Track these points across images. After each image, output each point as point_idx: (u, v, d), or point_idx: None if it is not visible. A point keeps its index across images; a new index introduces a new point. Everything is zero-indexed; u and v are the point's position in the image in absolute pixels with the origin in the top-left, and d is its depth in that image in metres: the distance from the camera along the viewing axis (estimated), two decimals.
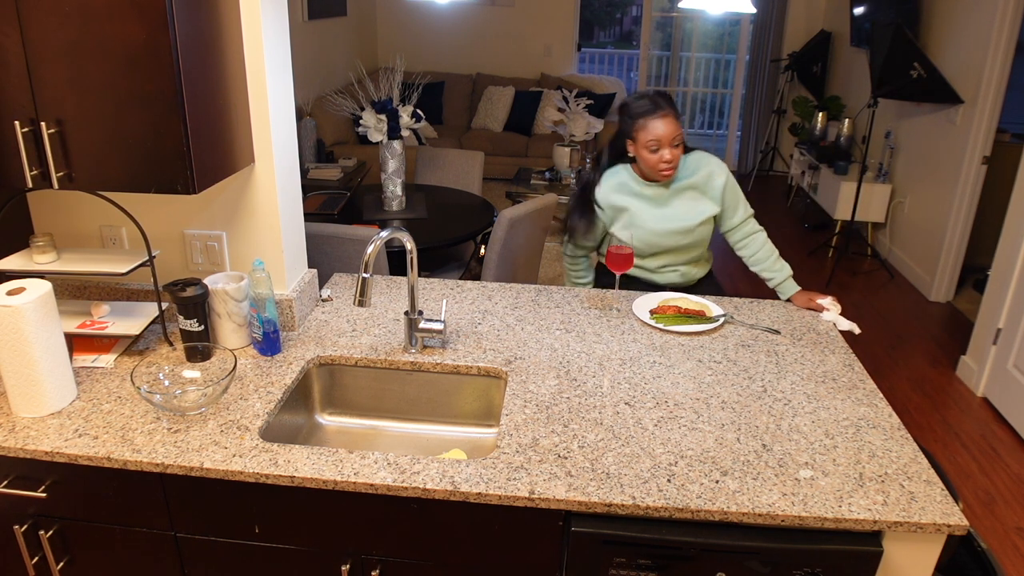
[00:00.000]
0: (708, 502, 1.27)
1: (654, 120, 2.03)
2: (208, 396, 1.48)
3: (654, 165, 2.08)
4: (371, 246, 1.57)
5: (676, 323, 1.91)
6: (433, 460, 1.36)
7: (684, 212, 2.19)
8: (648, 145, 2.05)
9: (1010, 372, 3.15)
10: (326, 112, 5.18)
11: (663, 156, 2.05)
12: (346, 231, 2.64)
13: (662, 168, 2.08)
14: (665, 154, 2.05)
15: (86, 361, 1.64)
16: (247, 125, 1.64)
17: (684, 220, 2.18)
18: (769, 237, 2.24)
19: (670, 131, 2.03)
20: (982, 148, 3.93)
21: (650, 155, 2.07)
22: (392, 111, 3.13)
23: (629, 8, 10.67)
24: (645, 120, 2.05)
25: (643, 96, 2.09)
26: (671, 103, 2.07)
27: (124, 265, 1.60)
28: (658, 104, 2.04)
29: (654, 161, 2.07)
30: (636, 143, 2.10)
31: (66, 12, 1.29)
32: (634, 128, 2.08)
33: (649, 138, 2.04)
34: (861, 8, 5.40)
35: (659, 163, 2.07)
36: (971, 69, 3.95)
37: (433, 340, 1.79)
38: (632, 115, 2.08)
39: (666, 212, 2.18)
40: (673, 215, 2.18)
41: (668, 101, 2.07)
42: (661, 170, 2.08)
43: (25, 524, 1.44)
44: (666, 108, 2.04)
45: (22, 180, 1.40)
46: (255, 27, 1.57)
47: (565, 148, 4.75)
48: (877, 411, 1.56)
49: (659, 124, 2.03)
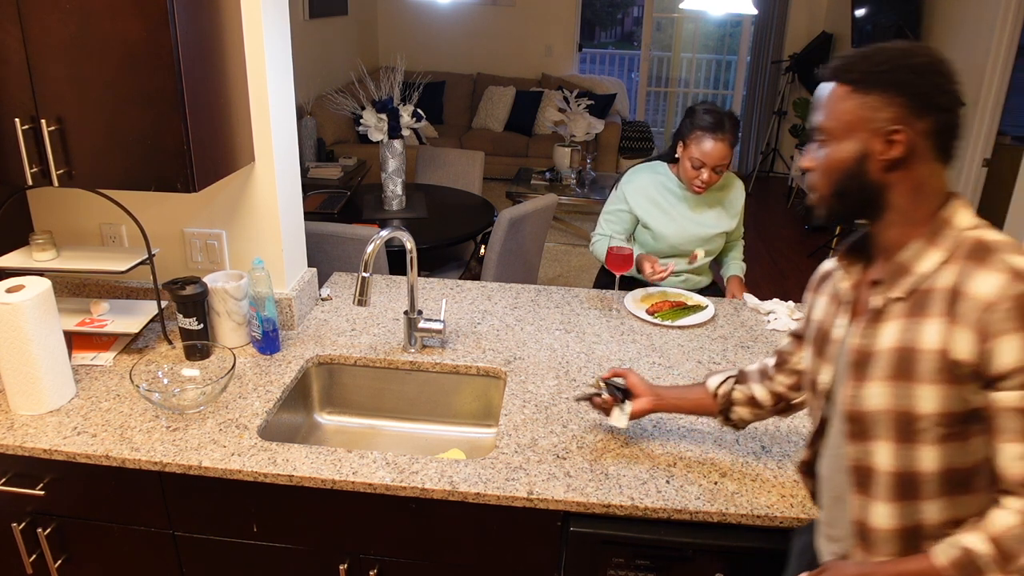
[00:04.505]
0: (707, 503, 1.27)
1: (709, 140, 2.07)
2: (207, 395, 1.48)
3: (691, 179, 2.13)
4: (371, 245, 1.57)
5: (677, 317, 1.94)
6: (432, 460, 1.36)
7: (708, 222, 2.25)
8: (693, 160, 2.10)
9: None
10: (326, 111, 5.18)
11: (702, 176, 2.10)
12: (346, 230, 2.64)
13: (696, 185, 2.13)
14: (704, 174, 2.10)
15: (85, 359, 1.64)
16: (247, 124, 1.64)
17: (707, 229, 2.25)
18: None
19: (718, 156, 2.07)
20: (983, 150, 3.93)
21: (691, 169, 2.12)
22: (393, 110, 3.12)
23: (630, 8, 10.68)
24: (702, 135, 2.07)
25: (713, 111, 2.10)
26: (735, 130, 2.10)
27: (124, 263, 1.60)
28: (721, 126, 2.07)
29: (692, 176, 2.12)
30: (685, 151, 2.13)
31: (67, 9, 1.29)
32: (689, 137, 2.11)
33: (697, 154, 2.08)
34: (862, 10, 5.40)
35: (695, 179, 2.12)
36: (972, 72, 3.95)
37: (432, 340, 1.78)
38: (694, 124, 2.11)
39: (694, 218, 2.24)
40: (699, 222, 2.24)
41: (733, 127, 2.10)
42: (695, 186, 2.14)
43: (23, 522, 1.44)
44: (726, 133, 2.07)
45: (22, 177, 1.40)
46: (256, 25, 1.57)
47: (566, 148, 4.75)
48: None
49: (711, 145, 2.06)
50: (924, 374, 0.91)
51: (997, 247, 0.91)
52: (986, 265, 0.89)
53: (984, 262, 0.90)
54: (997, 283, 0.87)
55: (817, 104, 0.99)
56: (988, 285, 0.88)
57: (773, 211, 6.03)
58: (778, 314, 1.97)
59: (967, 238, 0.93)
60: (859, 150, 0.95)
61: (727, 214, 2.27)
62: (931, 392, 0.91)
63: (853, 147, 0.95)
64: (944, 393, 0.90)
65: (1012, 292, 0.86)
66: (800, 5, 6.49)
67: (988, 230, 0.95)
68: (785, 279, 4.66)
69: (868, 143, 0.94)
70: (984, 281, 0.88)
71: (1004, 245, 0.91)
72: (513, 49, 6.98)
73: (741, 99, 7.11)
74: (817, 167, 1.00)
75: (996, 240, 0.92)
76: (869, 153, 0.95)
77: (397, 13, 6.99)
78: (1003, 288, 0.86)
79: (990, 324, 0.86)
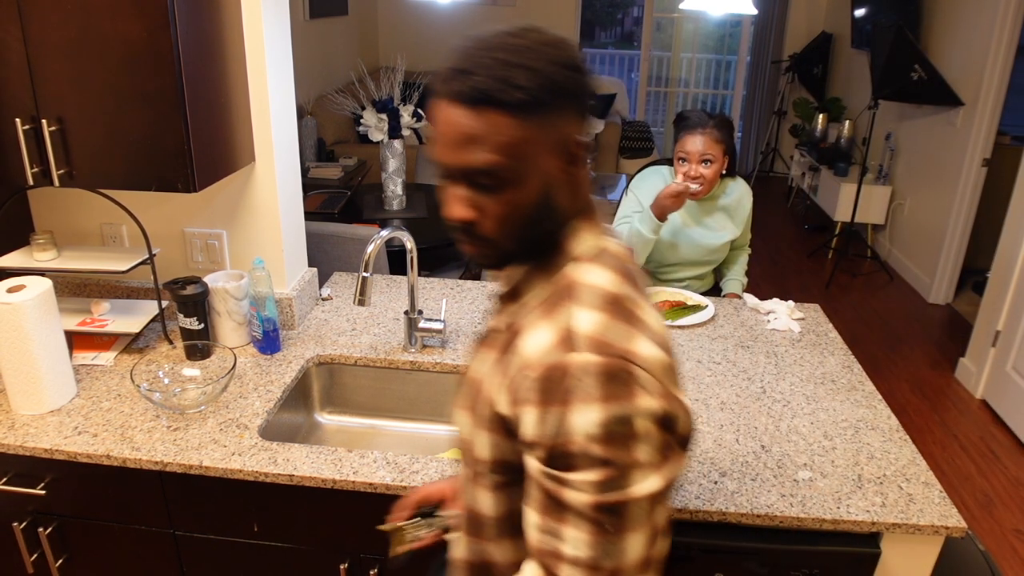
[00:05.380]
0: (706, 503, 1.27)
1: (691, 134, 2.11)
2: (207, 394, 1.48)
3: (680, 174, 2.15)
4: (371, 245, 1.57)
5: (677, 317, 1.95)
6: (432, 459, 1.36)
7: (714, 231, 2.27)
8: (678, 155, 2.14)
9: (1009, 374, 3.15)
10: (327, 111, 5.18)
11: (688, 171, 2.13)
12: (346, 230, 2.64)
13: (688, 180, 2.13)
14: (690, 169, 2.12)
15: (86, 359, 1.64)
16: (248, 124, 1.64)
17: (712, 238, 2.26)
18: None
19: (698, 148, 2.10)
20: (982, 150, 3.93)
21: (678, 164, 2.15)
22: (393, 110, 3.12)
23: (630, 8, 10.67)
24: (684, 132, 2.14)
25: (695, 111, 2.18)
26: (721, 126, 2.12)
27: (124, 263, 1.60)
28: (701, 121, 2.12)
29: (680, 171, 2.15)
30: (675, 150, 2.18)
31: (67, 10, 1.29)
32: (676, 139, 2.18)
33: (680, 150, 2.14)
34: (862, 10, 5.40)
35: (684, 173, 2.13)
36: (972, 71, 3.95)
37: (433, 339, 1.79)
38: (678, 127, 2.18)
39: (696, 226, 2.26)
40: (704, 231, 2.26)
41: (718, 124, 2.12)
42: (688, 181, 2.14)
43: (24, 521, 1.44)
44: (707, 126, 2.10)
45: (23, 177, 1.40)
46: (256, 26, 1.57)
47: None
48: (876, 413, 1.56)
49: (691, 139, 2.11)
50: (481, 419, 0.82)
51: (578, 294, 0.76)
52: (551, 316, 0.76)
53: (552, 312, 0.76)
54: (541, 344, 0.74)
55: (458, 137, 0.75)
56: (534, 343, 0.74)
57: (773, 211, 6.03)
58: (778, 314, 1.97)
59: (567, 274, 0.79)
60: (542, 181, 0.77)
61: (732, 222, 2.29)
62: (485, 439, 0.81)
63: (535, 180, 0.77)
64: (495, 441, 0.80)
65: (547, 360, 0.72)
66: (800, 5, 6.49)
67: (591, 266, 0.79)
68: (785, 279, 4.67)
69: (549, 167, 0.77)
70: (535, 336, 0.75)
71: (585, 293, 0.76)
72: None
73: (741, 99, 7.11)
74: (489, 216, 0.78)
75: (584, 283, 0.77)
76: (551, 179, 0.78)
77: (397, 13, 6.99)
78: (543, 352, 0.73)
79: (519, 388, 0.74)
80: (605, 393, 0.69)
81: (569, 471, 0.70)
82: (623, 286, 0.78)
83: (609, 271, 0.79)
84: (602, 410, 0.68)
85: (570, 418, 0.69)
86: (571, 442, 0.69)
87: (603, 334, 0.72)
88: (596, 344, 0.71)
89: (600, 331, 0.73)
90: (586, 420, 0.68)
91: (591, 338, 0.72)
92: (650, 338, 0.75)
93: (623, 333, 0.73)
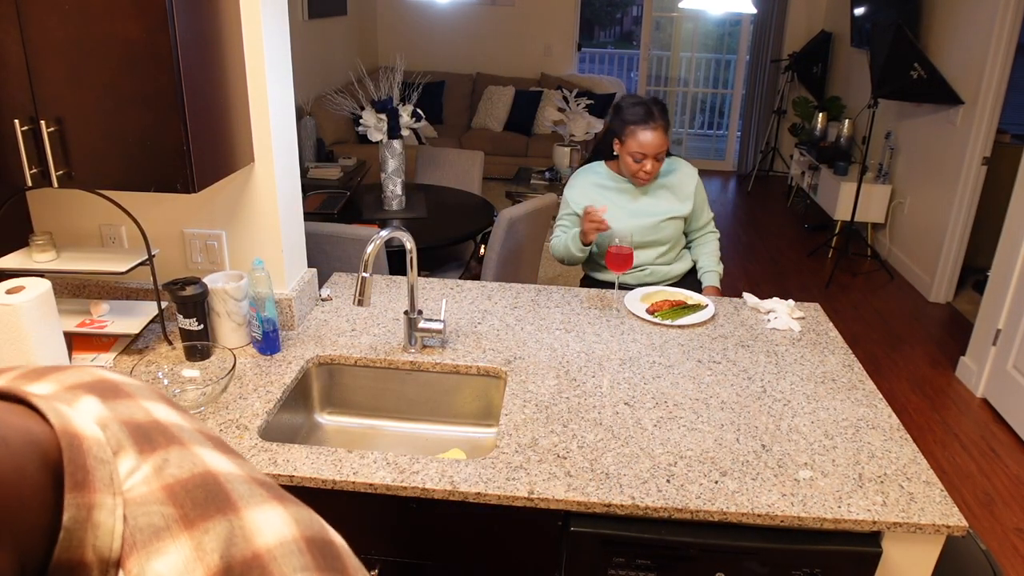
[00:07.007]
0: (707, 502, 1.27)
1: (644, 131, 2.09)
2: (207, 395, 1.48)
3: (634, 172, 2.15)
4: (371, 245, 1.57)
5: (677, 316, 1.95)
6: (432, 460, 1.36)
7: (652, 208, 2.26)
8: (634, 154, 2.12)
9: (1009, 373, 3.15)
10: (326, 111, 5.18)
11: (645, 167, 2.12)
12: (346, 230, 2.63)
13: (641, 177, 2.16)
14: (647, 165, 2.12)
15: (85, 360, 1.64)
16: (247, 124, 1.64)
17: (651, 216, 2.25)
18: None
19: (657, 144, 2.10)
20: (982, 149, 3.93)
21: (633, 163, 2.14)
22: (392, 110, 3.12)
23: (629, 8, 10.67)
24: (635, 128, 2.10)
25: (639, 103, 2.13)
26: (664, 114, 2.13)
27: (123, 264, 1.60)
28: (652, 115, 2.09)
29: (635, 169, 2.14)
30: (623, 147, 2.16)
31: (66, 10, 1.29)
32: (624, 133, 2.14)
33: (636, 148, 2.11)
34: (862, 9, 5.40)
35: (639, 172, 2.14)
36: (971, 70, 3.95)
37: (433, 340, 1.78)
38: (624, 119, 2.13)
39: (636, 208, 2.26)
40: (641, 211, 2.26)
41: (662, 112, 2.12)
42: (640, 178, 2.17)
43: None
44: (658, 120, 2.10)
45: (22, 178, 1.40)
46: (255, 26, 1.57)
47: (565, 148, 4.74)
48: (876, 412, 1.56)
49: (648, 136, 2.09)
50: None
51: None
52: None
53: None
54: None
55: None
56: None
57: (773, 210, 6.03)
58: (778, 313, 1.97)
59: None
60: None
61: (676, 197, 2.27)
62: None
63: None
64: None
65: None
66: (799, 4, 6.49)
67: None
68: (785, 278, 4.66)
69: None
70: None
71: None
72: (512, 49, 6.98)
73: (740, 98, 7.11)
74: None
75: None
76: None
77: (396, 13, 6.99)
78: None
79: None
80: None
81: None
82: None
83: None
84: None
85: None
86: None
87: None
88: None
89: None
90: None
91: None
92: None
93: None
